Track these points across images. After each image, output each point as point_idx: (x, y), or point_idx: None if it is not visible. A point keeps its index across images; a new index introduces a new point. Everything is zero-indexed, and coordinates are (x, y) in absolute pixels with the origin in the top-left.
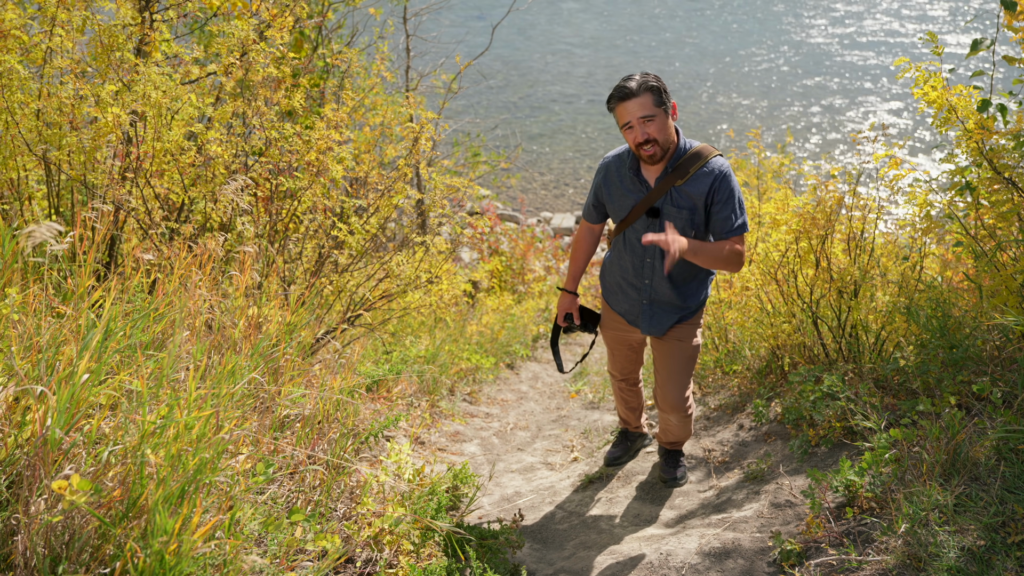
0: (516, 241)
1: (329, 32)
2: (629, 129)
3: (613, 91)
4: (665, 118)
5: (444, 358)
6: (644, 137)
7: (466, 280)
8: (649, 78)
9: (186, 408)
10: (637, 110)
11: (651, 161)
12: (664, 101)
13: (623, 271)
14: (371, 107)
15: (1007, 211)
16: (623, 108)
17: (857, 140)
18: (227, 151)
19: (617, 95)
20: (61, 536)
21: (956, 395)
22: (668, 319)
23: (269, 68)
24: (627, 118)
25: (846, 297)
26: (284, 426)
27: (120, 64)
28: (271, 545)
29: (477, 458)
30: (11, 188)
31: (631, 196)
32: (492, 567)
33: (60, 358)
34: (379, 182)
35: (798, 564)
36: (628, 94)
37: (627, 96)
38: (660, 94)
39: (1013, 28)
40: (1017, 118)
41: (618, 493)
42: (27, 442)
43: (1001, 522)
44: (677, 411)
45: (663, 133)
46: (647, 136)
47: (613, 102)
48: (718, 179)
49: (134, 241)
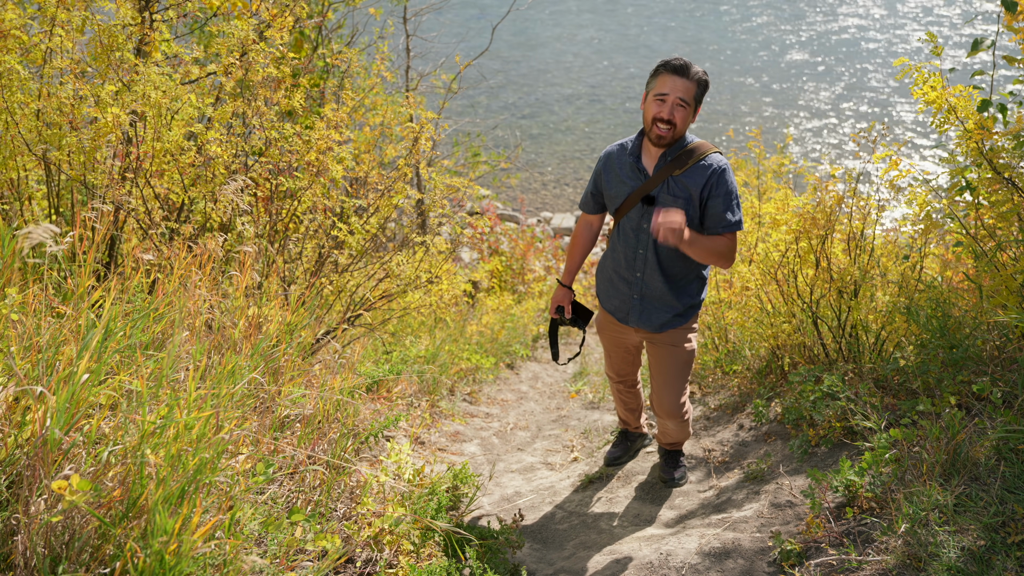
0: (516, 241)
1: (329, 32)
2: (660, 101)
3: (670, 60)
4: (691, 114)
5: (444, 358)
6: (668, 115)
7: (466, 280)
8: (703, 72)
9: (186, 408)
10: (680, 89)
11: (659, 143)
12: (700, 100)
13: (616, 263)
14: (371, 107)
15: (1007, 211)
16: (670, 79)
17: (857, 140)
18: (227, 151)
19: (671, 66)
20: (61, 536)
21: (956, 395)
22: (659, 315)
23: (269, 68)
24: (666, 90)
25: (846, 297)
26: (284, 426)
27: (120, 64)
28: (271, 545)
29: (477, 458)
30: (11, 188)
31: (629, 183)
32: (492, 567)
33: (60, 358)
34: (379, 182)
35: (798, 564)
36: (682, 70)
37: (680, 72)
38: (702, 92)
39: (1013, 28)
40: (1017, 118)
41: (618, 493)
42: (27, 442)
43: (1001, 522)
44: (673, 417)
45: (683, 124)
46: (671, 117)
47: (664, 70)
48: (715, 173)
49: (134, 241)
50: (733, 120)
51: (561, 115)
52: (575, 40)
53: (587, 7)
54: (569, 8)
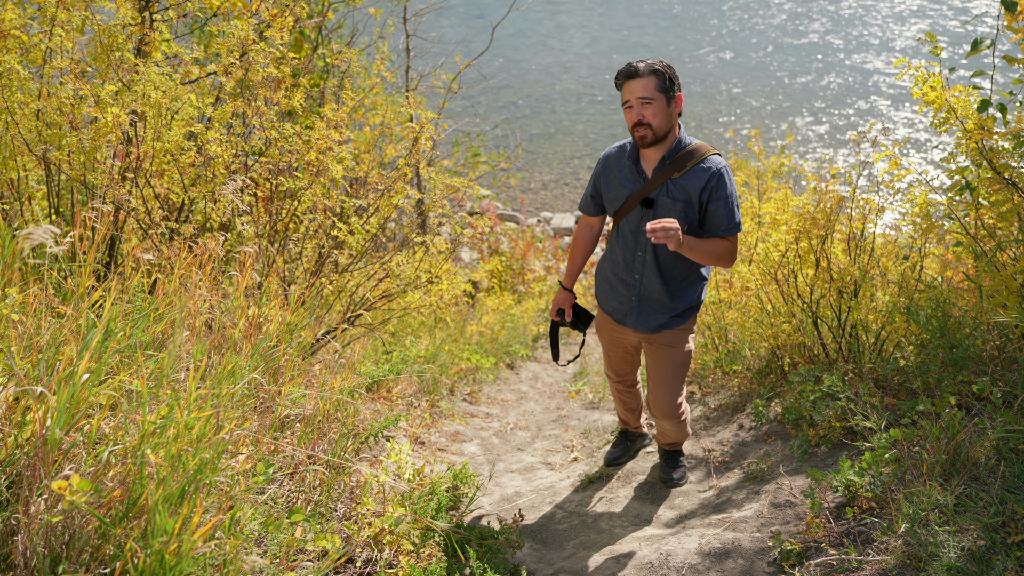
0: (516, 241)
1: (329, 32)
2: (628, 108)
3: (620, 70)
4: (665, 105)
5: (444, 358)
6: (639, 118)
7: (466, 280)
8: (656, 63)
9: (186, 408)
10: (638, 90)
11: (642, 144)
12: (668, 88)
13: (614, 265)
14: (371, 107)
15: (1007, 211)
16: (627, 86)
17: (857, 140)
18: (227, 151)
19: (623, 73)
20: (61, 536)
21: (956, 395)
22: (657, 317)
23: (269, 68)
24: (628, 96)
25: (846, 297)
26: (284, 426)
27: (120, 64)
28: (271, 545)
29: (477, 458)
30: (11, 188)
31: (628, 186)
32: (492, 567)
33: (60, 358)
34: (379, 182)
35: (798, 564)
36: (633, 73)
37: (632, 75)
38: (664, 80)
39: (1013, 28)
40: (1017, 118)
41: (618, 493)
42: (27, 442)
43: (1001, 522)
44: (668, 418)
45: (658, 118)
46: (641, 118)
47: (619, 79)
48: (715, 176)
49: (134, 241)
50: (733, 120)
51: (561, 115)
52: (575, 40)
53: (587, 7)
54: (569, 8)
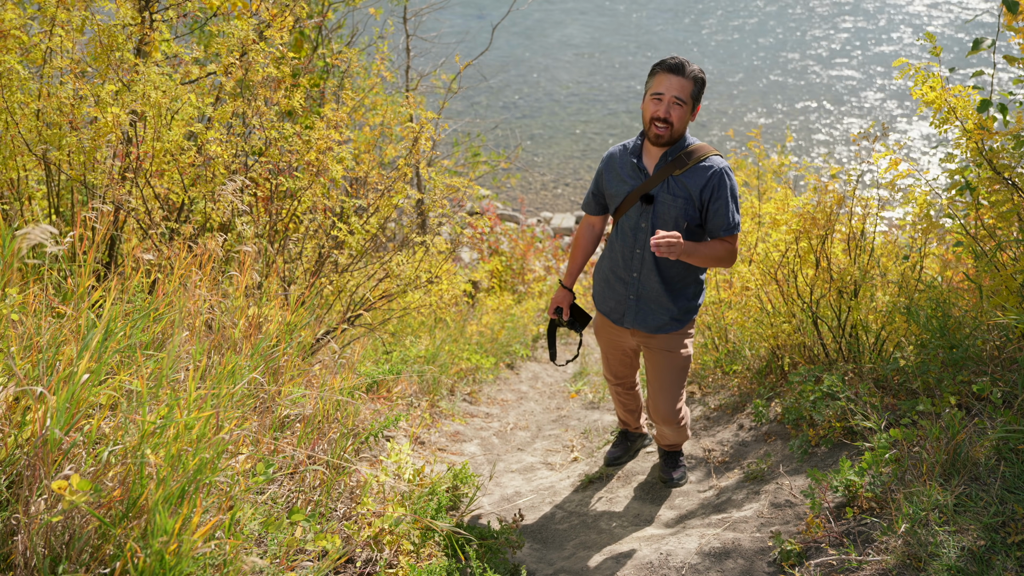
0: (516, 241)
1: (329, 32)
2: (657, 100)
3: (666, 59)
4: (689, 112)
5: (444, 358)
6: (665, 114)
7: (466, 280)
8: (699, 69)
9: (186, 408)
10: (675, 88)
11: (657, 142)
12: (697, 98)
13: (613, 263)
14: (371, 107)
15: (1007, 211)
16: (666, 78)
17: (857, 141)
18: (227, 151)
19: (667, 65)
20: (61, 536)
21: (956, 395)
22: (655, 317)
23: (269, 68)
24: (662, 89)
25: (846, 297)
26: (284, 426)
27: (120, 64)
28: (271, 545)
29: (477, 458)
30: (11, 188)
31: (629, 182)
32: (492, 567)
33: (60, 358)
34: (379, 182)
35: (798, 564)
36: (677, 68)
37: (675, 70)
38: (699, 90)
39: (1013, 28)
40: (1017, 118)
41: (618, 493)
42: (27, 442)
43: (1001, 522)
44: (668, 422)
45: (681, 122)
46: (668, 115)
47: (660, 69)
48: (716, 175)
49: (134, 241)
50: (733, 120)
51: (561, 115)
52: (575, 40)
53: (587, 8)
54: (569, 8)
